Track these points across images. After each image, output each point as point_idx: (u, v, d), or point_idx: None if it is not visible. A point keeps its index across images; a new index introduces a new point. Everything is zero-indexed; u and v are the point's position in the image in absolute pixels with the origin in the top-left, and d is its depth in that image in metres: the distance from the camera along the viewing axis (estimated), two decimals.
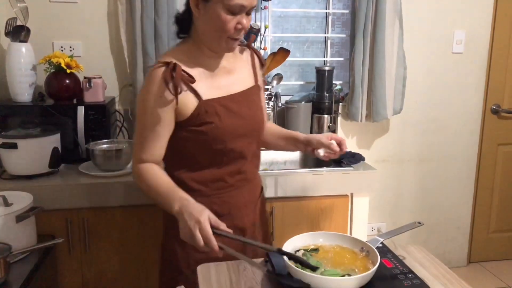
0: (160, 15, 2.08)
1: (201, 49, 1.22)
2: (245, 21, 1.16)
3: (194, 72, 1.20)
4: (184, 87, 1.17)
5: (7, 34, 1.94)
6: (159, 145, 1.21)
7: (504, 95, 2.75)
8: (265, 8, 2.34)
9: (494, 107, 2.75)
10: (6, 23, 1.94)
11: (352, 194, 2.00)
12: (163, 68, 1.16)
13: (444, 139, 2.71)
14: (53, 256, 1.62)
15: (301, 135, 1.38)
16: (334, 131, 2.35)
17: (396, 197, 2.68)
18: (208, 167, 1.27)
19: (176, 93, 1.15)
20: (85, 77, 1.99)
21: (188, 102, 1.19)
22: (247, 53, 1.36)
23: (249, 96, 1.31)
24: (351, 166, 2.02)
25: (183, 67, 1.18)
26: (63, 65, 1.91)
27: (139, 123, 1.22)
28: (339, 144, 1.31)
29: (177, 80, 1.14)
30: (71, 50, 2.16)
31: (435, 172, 2.70)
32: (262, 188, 1.46)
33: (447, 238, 2.82)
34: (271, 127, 1.48)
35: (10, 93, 1.97)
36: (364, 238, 1.34)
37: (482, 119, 2.76)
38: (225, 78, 1.27)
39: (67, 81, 1.95)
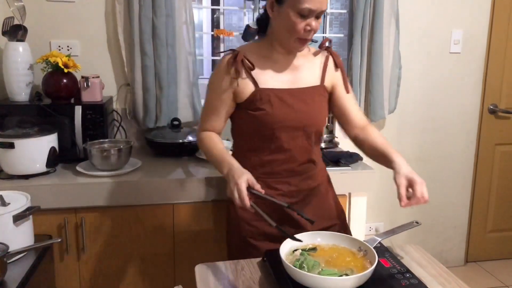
0: (158, 15, 2.08)
1: (273, 46, 1.37)
2: (314, 23, 1.26)
3: (260, 63, 1.36)
4: (244, 73, 1.34)
5: (4, 33, 1.93)
6: (218, 119, 1.41)
7: (501, 95, 2.76)
8: (263, 8, 2.33)
9: (491, 107, 2.75)
10: (3, 22, 1.94)
11: (350, 194, 2.00)
12: (230, 55, 1.35)
13: (442, 139, 2.71)
14: (50, 256, 1.61)
15: (395, 158, 1.28)
16: (331, 131, 2.35)
17: (393, 196, 2.65)
18: (257, 150, 1.39)
19: (237, 77, 1.33)
20: (82, 77, 1.99)
21: (246, 87, 1.35)
22: (322, 55, 1.45)
23: (310, 93, 1.38)
24: (349, 166, 2.02)
25: (250, 57, 1.34)
26: (60, 64, 1.91)
27: (205, 98, 1.44)
28: (413, 188, 1.19)
29: (237, 65, 1.32)
30: (68, 50, 2.16)
31: (432, 171, 2.71)
32: (324, 184, 1.50)
33: (445, 238, 2.83)
34: (372, 135, 1.40)
35: (7, 92, 1.96)
36: (362, 238, 1.34)
37: (480, 119, 2.77)
38: (289, 74, 1.38)
39: (65, 80, 1.95)
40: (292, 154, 1.38)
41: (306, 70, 1.40)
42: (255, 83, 1.34)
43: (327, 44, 1.48)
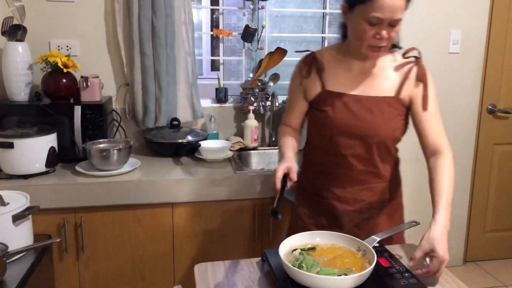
0: (157, 15, 2.08)
1: (350, 50, 1.34)
2: (385, 32, 1.20)
3: (334, 65, 1.36)
4: (314, 73, 1.36)
5: (3, 33, 1.93)
6: (292, 115, 1.47)
7: (500, 95, 2.77)
8: (262, 8, 2.34)
9: (490, 107, 2.76)
10: (3, 22, 1.94)
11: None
12: (305, 55, 1.42)
13: None
14: (49, 256, 1.61)
15: (438, 214, 1.21)
16: None
17: None
18: (318, 150, 1.40)
19: (306, 76, 1.38)
20: (82, 77, 1.99)
21: (314, 87, 1.37)
22: (408, 67, 1.36)
23: (379, 103, 1.32)
24: None
25: (326, 59, 1.37)
26: (60, 64, 1.91)
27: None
28: (431, 260, 1.12)
29: (308, 65, 1.38)
30: (68, 50, 2.16)
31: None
32: (390, 207, 1.41)
33: None
34: (437, 169, 1.29)
35: (7, 92, 1.96)
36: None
37: (478, 119, 2.77)
38: (362, 80, 1.34)
39: (64, 80, 1.95)
40: (349, 161, 1.34)
41: (382, 79, 1.34)
42: (323, 84, 1.35)
43: (414, 53, 1.38)
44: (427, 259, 1.11)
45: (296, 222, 1.48)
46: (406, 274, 1.07)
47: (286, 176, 1.25)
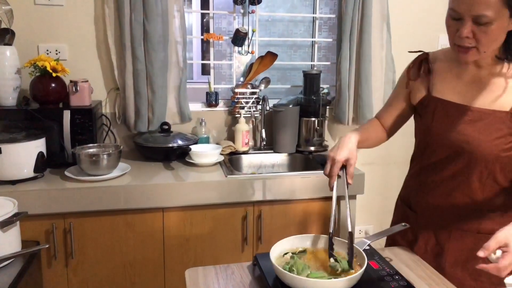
0: (149, 19, 2.08)
1: None
2: (466, 30, 1.03)
3: (446, 69, 1.23)
4: (422, 76, 1.27)
5: None
6: (387, 110, 1.39)
7: None
8: (252, 12, 2.35)
9: None
10: None
11: (339, 197, 2.00)
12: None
13: None
14: (38, 262, 1.59)
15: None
16: (321, 134, 2.36)
17: (383, 199, 2.70)
18: (419, 156, 1.31)
19: (413, 78, 1.28)
20: (71, 81, 1.97)
21: (418, 91, 1.28)
22: None
23: (487, 118, 1.14)
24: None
25: (439, 62, 1.25)
26: (48, 68, 1.89)
27: None
28: (502, 255, 0.95)
29: (417, 66, 1.28)
30: (57, 54, 2.14)
31: None
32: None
33: None
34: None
35: None
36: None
37: None
38: (473, 89, 1.18)
39: (53, 84, 1.93)
40: (444, 176, 1.21)
41: (496, 90, 1.14)
42: (428, 88, 1.25)
43: None
44: (497, 253, 0.97)
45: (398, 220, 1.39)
46: (397, 277, 1.07)
47: (342, 168, 1.16)
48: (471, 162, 1.16)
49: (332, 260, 1.07)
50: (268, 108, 2.33)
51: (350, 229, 1.11)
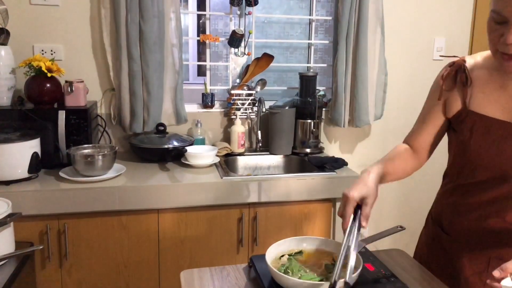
0: (145, 19, 2.07)
1: None
2: (510, 34, 0.91)
3: (486, 79, 1.07)
4: (458, 86, 1.10)
5: None
6: (421, 128, 1.20)
7: None
8: (249, 13, 2.35)
9: None
10: None
11: (335, 199, 2.01)
12: (451, 62, 1.13)
13: None
14: (31, 263, 1.58)
15: None
16: (317, 136, 2.37)
17: (379, 202, 2.70)
18: (454, 174, 1.17)
19: (447, 88, 1.12)
20: (66, 81, 1.96)
21: (455, 103, 1.11)
22: None
23: None
24: (334, 171, 2.03)
25: (478, 69, 1.09)
26: (43, 68, 1.88)
27: None
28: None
29: (453, 75, 1.11)
30: (52, 54, 2.13)
31: (416, 177, 2.73)
32: None
33: None
34: None
35: None
36: None
37: None
38: None
39: (48, 85, 1.92)
40: (482, 201, 1.09)
41: None
42: (464, 101, 1.09)
43: None
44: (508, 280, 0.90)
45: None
46: (392, 279, 1.07)
47: (358, 209, 1.02)
48: None
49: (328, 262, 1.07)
50: (264, 109, 2.33)
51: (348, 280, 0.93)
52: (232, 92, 2.35)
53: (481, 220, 1.11)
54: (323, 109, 2.46)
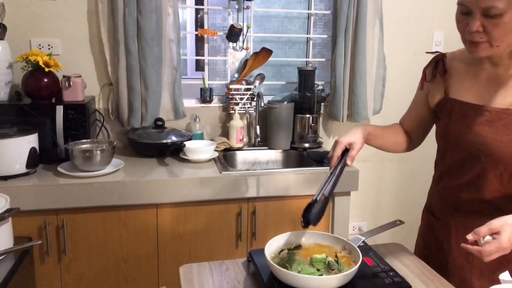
0: (143, 14, 2.06)
1: None
2: (476, 24, 1.00)
3: (463, 70, 1.20)
4: (438, 78, 1.23)
5: None
6: (408, 113, 1.38)
7: None
8: (247, 8, 2.33)
9: None
10: None
11: (333, 193, 2.01)
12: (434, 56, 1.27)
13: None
14: (30, 259, 1.58)
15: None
16: (315, 131, 2.36)
17: (377, 196, 2.71)
18: (440, 161, 1.28)
19: (427, 79, 1.26)
20: (64, 76, 1.95)
21: (437, 93, 1.24)
22: None
23: (505, 118, 1.09)
24: None
25: (457, 62, 1.21)
26: (41, 63, 1.87)
27: None
28: (491, 241, 0.95)
29: (433, 68, 1.24)
30: (49, 48, 2.12)
31: (415, 171, 2.74)
32: None
33: None
34: None
35: None
36: (345, 237, 1.35)
37: None
38: (491, 89, 1.13)
39: (45, 79, 1.91)
40: (463, 181, 1.17)
41: None
42: (446, 90, 1.21)
43: None
44: (486, 238, 0.96)
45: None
46: (391, 273, 1.07)
47: (346, 152, 1.16)
48: (490, 165, 1.11)
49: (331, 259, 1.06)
50: (262, 104, 2.33)
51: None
52: (231, 86, 2.34)
53: (464, 202, 1.19)
54: (322, 103, 2.46)
